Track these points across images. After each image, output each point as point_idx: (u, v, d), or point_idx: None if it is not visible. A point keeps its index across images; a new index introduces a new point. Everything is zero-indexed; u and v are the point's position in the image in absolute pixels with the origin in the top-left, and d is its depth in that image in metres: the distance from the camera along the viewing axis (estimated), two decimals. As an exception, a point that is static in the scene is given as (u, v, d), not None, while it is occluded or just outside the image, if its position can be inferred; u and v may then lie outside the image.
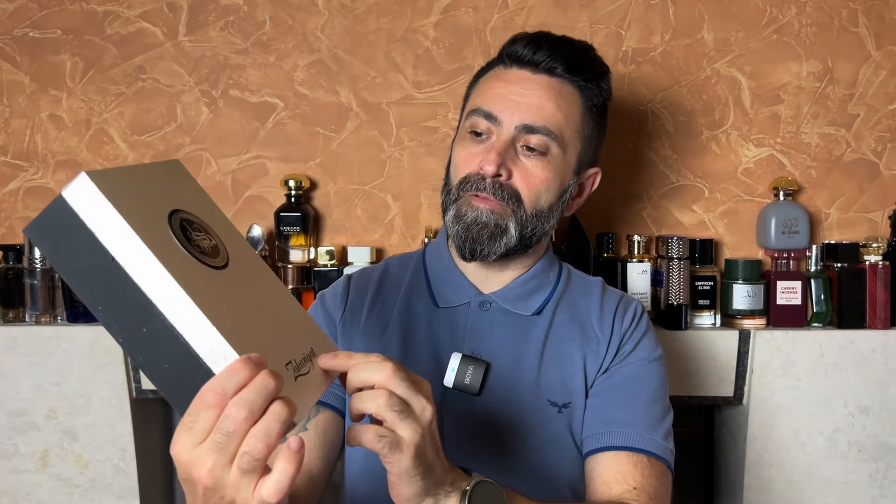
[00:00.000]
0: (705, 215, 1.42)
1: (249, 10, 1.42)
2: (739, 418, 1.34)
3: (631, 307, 1.01)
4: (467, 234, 0.93)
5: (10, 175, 1.45)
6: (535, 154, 0.93)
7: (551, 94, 0.94)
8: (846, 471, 1.30)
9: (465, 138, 0.97)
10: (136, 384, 1.32)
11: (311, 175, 1.43)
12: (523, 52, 0.96)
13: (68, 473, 1.34)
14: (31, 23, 1.43)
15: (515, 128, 0.93)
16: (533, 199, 0.94)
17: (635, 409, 0.92)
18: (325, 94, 1.42)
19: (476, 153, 0.94)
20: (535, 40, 0.96)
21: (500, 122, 0.93)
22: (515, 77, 0.95)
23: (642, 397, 0.94)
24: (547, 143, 0.93)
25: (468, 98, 1.01)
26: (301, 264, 1.36)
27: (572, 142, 0.96)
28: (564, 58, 0.95)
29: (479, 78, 1.02)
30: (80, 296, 0.56)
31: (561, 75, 0.95)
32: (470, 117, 0.96)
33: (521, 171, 0.93)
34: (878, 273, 1.31)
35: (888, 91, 1.40)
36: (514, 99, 0.94)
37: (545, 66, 0.95)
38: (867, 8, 1.39)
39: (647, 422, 0.92)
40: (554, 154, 0.94)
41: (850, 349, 1.29)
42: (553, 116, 0.93)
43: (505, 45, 0.99)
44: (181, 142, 1.43)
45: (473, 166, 0.94)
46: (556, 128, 0.93)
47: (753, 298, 1.31)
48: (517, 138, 0.93)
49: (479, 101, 0.96)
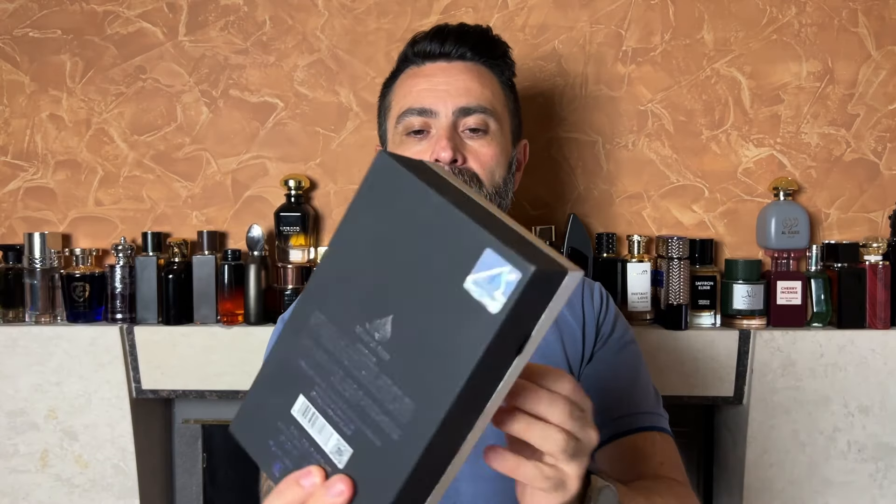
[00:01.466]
0: (705, 215, 1.42)
1: (249, 10, 1.42)
2: (739, 418, 1.34)
3: (596, 288, 1.03)
4: None
5: (10, 175, 1.45)
6: (478, 134, 0.95)
7: (473, 75, 0.97)
8: (846, 471, 1.30)
9: (405, 141, 0.97)
10: (136, 384, 1.32)
11: (311, 175, 1.43)
12: (431, 47, 0.98)
13: (68, 473, 1.34)
14: (31, 23, 1.43)
15: (453, 113, 0.94)
16: (489, 177, 0.95)
17: (638, 388, 0.94)
18: (325, 94, 1.42)
19: (422, 150, 0.95)
20: (439, 33, 0.99)
21: (436, 114, 0.95)
22: (433, 70, 0.98)
23: (638, 375, 0.96)
24: (485, 120, 0.95)
25: (389, 106, 1.01)
26: (301, 264, 1.36)
27: (503, 115, 0.99)
28: (471, 42, 0.98)
29: (391, 85, 1.03)
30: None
31: (472, 59, 0.98)
32: (402, 120, 0.96)
33: (472, 153, 0.95)
34: (878, 273, 1.31)
35: (888, 91, 1.40)
36: (441, 88, 0.95)
37: (456, 53, 0.98)
38: (867, 8, 1.39)
39: (651, 401, 0.94)
40: (493, 130, 0.96)
41: (850, 349, 1.29)
42: (482, 94, 0.96)
43: (407, 47, 1.01)
44: (181, 142, 1.43)
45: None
46: (488, 104, 0.96)
47: (753, 298, 1.31)
48: (457, 123, 0.95)
49: (406, 101, 0.97)
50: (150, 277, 1.35)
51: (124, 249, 1.36)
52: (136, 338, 1.32)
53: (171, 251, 1.37)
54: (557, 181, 1.42)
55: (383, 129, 1.03)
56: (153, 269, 1.35)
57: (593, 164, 1.41)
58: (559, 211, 1.42)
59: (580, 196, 1.42)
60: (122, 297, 1.35)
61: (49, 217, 1.45)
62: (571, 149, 1.42)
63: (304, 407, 0.53)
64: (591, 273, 1.34)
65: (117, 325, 1.33)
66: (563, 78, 1.41)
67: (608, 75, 1.41)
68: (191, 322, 1.35)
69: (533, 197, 1.42)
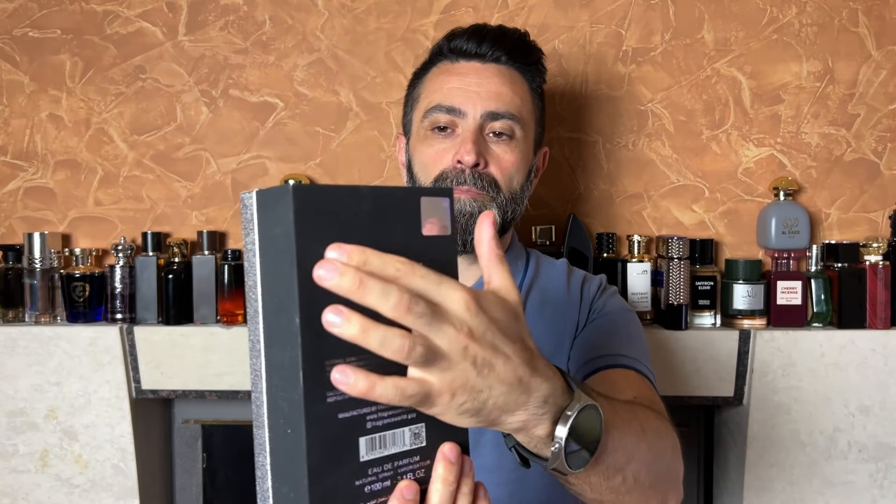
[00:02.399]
0: (705, 215, 1.42)
1: (249, 9, 1.42)
2: (739, 418, 1.34)
3: (596, 279, 1.04)
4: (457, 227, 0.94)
5: (9, 175, 1.45)
6: (502, 139, 0.96)
7: (505, 79, 0.97)
8: (846, 471, 1.30)
9: (429, 136, 0.97)
10: (136, 384, 1.32)
11: (311, 175, 1.43)
12: (468, 46, 0.97)
13: (68, 473, 1.34)
14: (31, 23, 1.43)
15: (481, 116, 0.94)
16: (507, 182, 0.96)
17: (619, 341, 0.93)
18: (324, 94, 1.42)
19: (446, 148, 0.95)
20: (477, 33, 0.98)
21: (464, 114, 0.95)
22: (467, 69, 0.97)
23: (622, 332, 0.96)
24: (512, 127, 0.96)
25: (418, 98, 1.02)
26: (301, 264, 1.36)
27: (529, 123, 0.99)
28: (508, 46, 0.98)
29: (422, 76, 1.03)
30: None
31: (507, 63, 0.98)
32: (429, 115, 0.96)
33: (494, 157, 0.95)
34: (878, 273, 1.31)
35: (888, 91, 1.40)
36: (473, 90, 0.95)
37: (492, 56, 0.97)
38: (867, 8, 1.39)
39: (634, 352, 0.92)
40: (518, 137, 0.96)
41: (851, 349, 1.29)
42: (512, 100, 0.96)
43: (443, 41, 1.00)
44: (181, 142, 1.43)
45: (447, 161, 0.95)
46: (516, 111, 0.96)
47: (753, 298, 1.31)
48: (483, 126, 0.95)
49: (436, 97, 0.97)
50: (150, 277, 1.35)
51: (124, 249, 1.36)
52: (135, 338, 1.31)
53: (171, 251, 1.37)
54: (557, 181, 1.42)
55: (408, 119, 1.03)
56: (153, 269, 1.35)
57: (593, 164, 1.41)
58: (559, 211, 1.42)
59: (580, 196, 1.42)
60: (121, 297, 1.35)
61: (49, 217, 1.45)
62: (571, 149, 1.42)
63: (369, 442, 0.51)
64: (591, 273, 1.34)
65: (117, 325, 1.33)
66: (563, 78, 1.41)
67: (608, 75, 1.41)
68: (191, 322, 1.35)
69: (533, 197, 1.41)
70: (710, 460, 1.47)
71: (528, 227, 1.39)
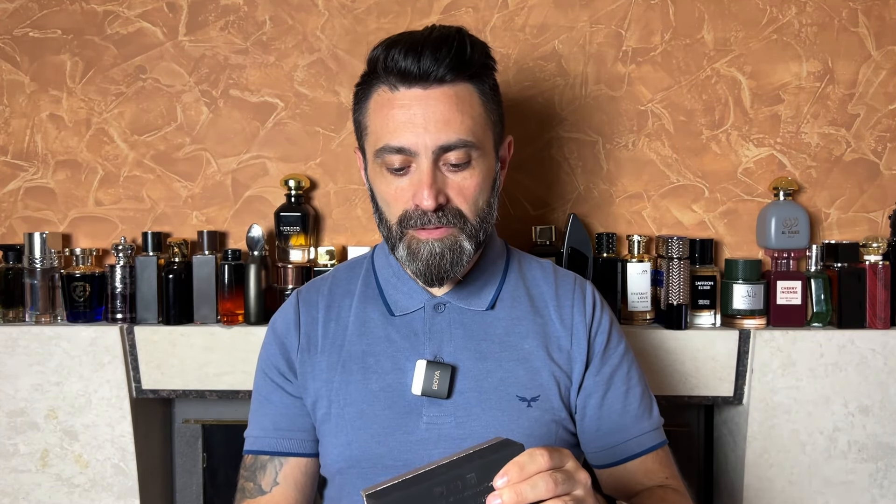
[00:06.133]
0: (705, 215, 1.42)
1: (249, 10, 1.42)
2: (739, 418, 1.34)
3: (588, 292, 1.02)
4: (428, 269, 0.91)
5: (10, 175, 1.45)
6: (460, 168, 0.90)
7: (451, 104, 0.89)
8: (846, 471, 1.30)
9: (385, 174, 0.92)
10: (136, 384, 1.32)
11: (311, 175, 1.43)
12: (407, 65, 0.89)
13: (68, 473, 1.34)
14: (31, 23, 1.43)
15: (433, 153, 0.88)
16: (473, 208, 0.92)
17: (638, 415, 0.99)
18: (325, 94, 1.42)
19: (403, 188, 0.91)
20: (413, 49, 0.89)
21: (415, 153, 0.89)
22: (409, 98, 0.90)
23: (633, 399, 1.00)
24: (468, 153, 0.90)
25: (365, 128, 0.95)
26: (301, 264, 1.36)
27: (485, 135, 0.93)
28: (449, 60, 0.89)
29: (364, 100, 0.95)
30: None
31: (452, 81, 0.90)
32: (381, 156, 0.91)
33: (455, 188, 0.91)
34: (878, 273, 1.31)
35: (888, 91, 1.40)
36: (420, 123, 0.88)
37: (434, 76, 0.89)
38: (867, 8, 1.39)
39: (650, 421, 1.00)
40: (475, 159, 0.91)
41: (850, 349, 1.29)
42: (462, 125, 0.89)
43: (379, 59, 0.91)
44: (181, 142, 1.44)
45: (407, 202, 0.91)
46: (469, 135, 0.90)
47: (753, 298, 1.31)
48: (438, 159, 0.89)
49: (384, 136, 0.90)
50: (151, 277, 1.35)
51: (124, 249, 1.36)
52: (136, 338, 1.32)
53: (171, 251, 1.37)
54: (557, 181, 1.42)
55: (361, 144, 0.98)
56: (153, 269, 1.35)
57: (593, 164, 1.41)
58: (559, 211, 1.42)
59: (580, 196, 1.42)
60: (122, 297, 1.35)
61: (49, 217, 1.45)
62: (571, 149, 1.42)
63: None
64: (591, 273, 1.34)
65: (117, 325, 1.33)
66: (563, 78, 1.41)
67: (608, 75, 1.41)
68: (191, 322, 1.35)
69: (533, 197, 1.42)
70: (710, 460, 1.47)
71: (528, 227, 1.39)
